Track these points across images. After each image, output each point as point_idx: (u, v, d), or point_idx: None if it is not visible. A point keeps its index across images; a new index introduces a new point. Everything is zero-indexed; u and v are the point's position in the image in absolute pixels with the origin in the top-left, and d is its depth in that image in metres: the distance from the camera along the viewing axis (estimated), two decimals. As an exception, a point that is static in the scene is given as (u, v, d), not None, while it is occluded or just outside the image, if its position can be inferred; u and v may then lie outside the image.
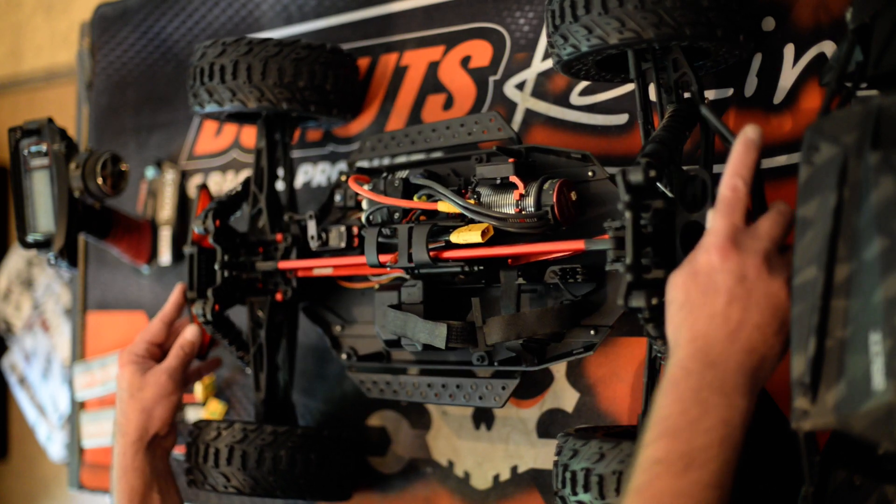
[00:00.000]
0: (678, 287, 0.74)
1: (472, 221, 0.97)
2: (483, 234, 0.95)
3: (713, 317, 0.71)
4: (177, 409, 1.16)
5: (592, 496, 0.82)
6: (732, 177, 0.75)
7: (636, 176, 0.77)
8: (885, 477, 0.73)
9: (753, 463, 0.84)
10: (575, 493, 0.85)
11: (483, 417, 1.11)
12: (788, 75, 0.93)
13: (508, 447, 1.08)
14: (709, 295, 0.72)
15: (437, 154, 1.11)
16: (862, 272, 0.64)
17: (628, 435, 0.90)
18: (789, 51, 0.93)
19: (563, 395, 1.05)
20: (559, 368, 1.05)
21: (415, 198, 1.01)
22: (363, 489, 1.18)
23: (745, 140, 0.76)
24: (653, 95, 0.91)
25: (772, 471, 0.84)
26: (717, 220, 0.74)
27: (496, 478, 1.09)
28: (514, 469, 1.08)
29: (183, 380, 1.17)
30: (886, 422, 0.61)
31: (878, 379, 0.62)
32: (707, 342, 0.71)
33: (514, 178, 0.95)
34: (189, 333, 1.17)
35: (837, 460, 0.74)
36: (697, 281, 0.73)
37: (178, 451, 1.37)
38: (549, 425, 1.06)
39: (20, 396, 2.32)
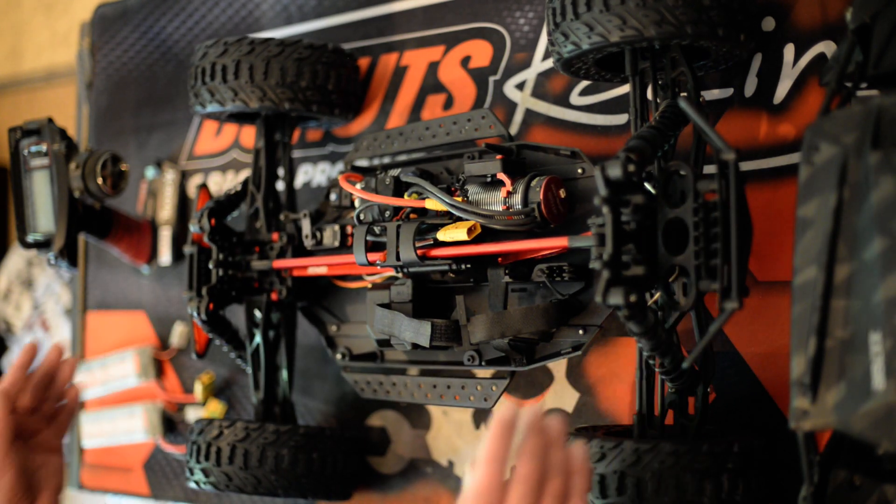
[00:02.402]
0: None
1: (460, 219, 0.96)
2: (469, 231, 0.95)
3: None
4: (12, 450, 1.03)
5: (593, 495, 0.82)
6: (489, 463, 0.72)
7: (614, 170, 0.76)
8: (885, 477, 0.73)
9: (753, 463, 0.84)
10: (575, 493, 0.84)
11: (483, 417, 1.11)
12: (788, 75, 0.93)
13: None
14: None
15: (425, 153, 1.11)
16: (862, 272, 0.64)
17: (629, 434, 0.90)
18: (789, 51, 0.93)
19: (564, 395, 1.05)
20: (559, 368, 1.05)
21: (405, 196, 1.01)
22: (363, 489, 1.18)
23: (500, 423, 0.73)
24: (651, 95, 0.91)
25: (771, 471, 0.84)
26: None
27: (496, 477, 1.09)
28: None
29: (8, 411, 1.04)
30: (886, 422, 0.61)
31: (878, 379, 0.62)
32: None
33: (501, 176, 0.94)
34: None
35: (837, 460, 0.74)
36: None
37: (178, 451, 1.37)
38: (549, 425, 1.06)
39: (20, 396, 2.32)
